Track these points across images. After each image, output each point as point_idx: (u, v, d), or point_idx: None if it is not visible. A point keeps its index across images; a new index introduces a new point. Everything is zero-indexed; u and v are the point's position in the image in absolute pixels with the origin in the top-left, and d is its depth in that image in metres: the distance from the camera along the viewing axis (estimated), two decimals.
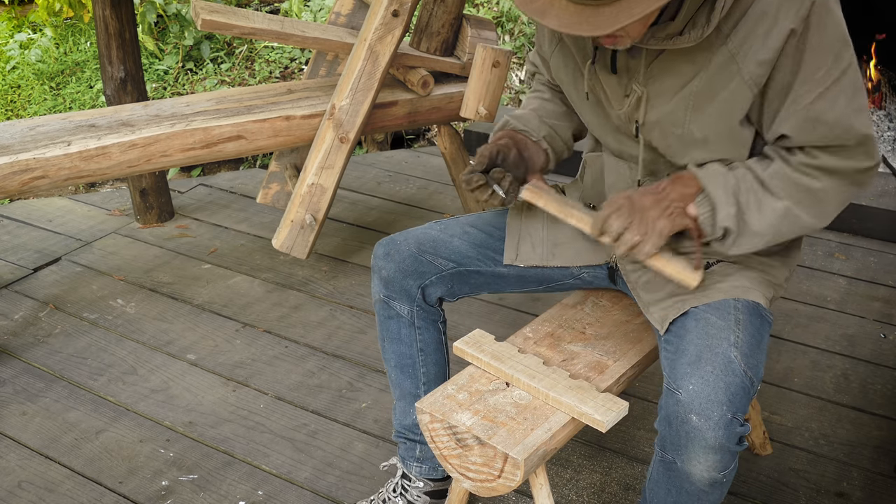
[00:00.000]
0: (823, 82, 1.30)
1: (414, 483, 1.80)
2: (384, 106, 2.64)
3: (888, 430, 2.10)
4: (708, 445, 1.28)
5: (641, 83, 1.40)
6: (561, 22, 1.18)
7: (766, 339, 1.44)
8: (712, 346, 1.33)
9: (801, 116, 1.32)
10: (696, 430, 1.28)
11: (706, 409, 1.27)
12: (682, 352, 1.35)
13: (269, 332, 2.55)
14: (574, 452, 2.04)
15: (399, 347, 1.69)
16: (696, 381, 1.29)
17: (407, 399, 1.74)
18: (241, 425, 2.17)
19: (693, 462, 1.31)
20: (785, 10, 1.26)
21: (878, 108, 3.70)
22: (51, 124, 2.41)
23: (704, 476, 1.31)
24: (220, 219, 3.23)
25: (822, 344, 2.44)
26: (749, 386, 1.31)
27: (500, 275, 1.66)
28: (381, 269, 1.63)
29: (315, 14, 4.65)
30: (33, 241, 3.09)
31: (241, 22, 2.45)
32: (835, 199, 1.38)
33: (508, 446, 1.34)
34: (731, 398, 1.28)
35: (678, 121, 1.39)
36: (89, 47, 4.66)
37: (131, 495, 1.96)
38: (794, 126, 1.34)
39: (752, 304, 1.44)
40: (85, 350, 2.48)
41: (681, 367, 1.33)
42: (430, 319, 1.68)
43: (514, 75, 4.31)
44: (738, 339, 1.35)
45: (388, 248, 1.64)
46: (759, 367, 1.36)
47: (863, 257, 2.90)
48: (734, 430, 1.28)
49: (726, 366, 1.30)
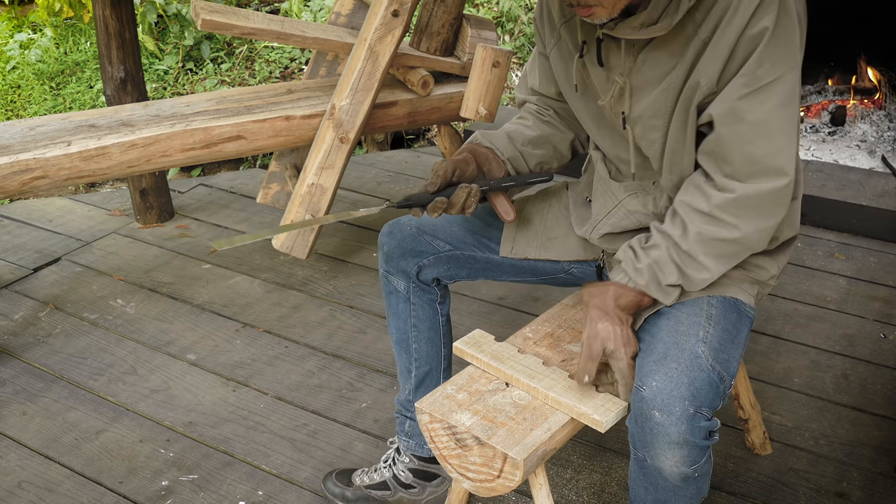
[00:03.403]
0: (758, 82, 1.30)
1: (401, 457, 1.87)
2: (384, 106, 2.64)
3: (888, 430, 2.10)
4: (672, 441, 1.30)
5: (624, 75, 1.42)
6: None
7: (744, 334, 1.45)
8: (680, 343, 1.36)
9: (728, 106, 1.32)
10: (659, 425, 1.30)
11: (668, 404, 1.29)
12: (651, 349, 1.38)
13: (269, 332, 2.55)
14: (574, 452, 2.04)
15: (397, 322, 1.77)
16: (660, 377, 1.32)
17: (404, 375, 1.82)
18: (241, 425, 2.17)
19: (661, 458, 1.33)
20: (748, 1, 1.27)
21: (878, 108, 3.70)
22: (51, 124, 2.41)
23: (674, 471, 1.33)
24: (220, 219, 3.23)
25: (822, 344, 2.44)
26: (718, 381, 1.33)
27: (495, 263, 1.71)
28: (384, 245, 1.72)
29: (315, 14, 4.65)
30: (33, 241, 3.09)
31: (241, 22, 2.45)
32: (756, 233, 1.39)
33: (508, 446, 1.34)
34: (695, 393, 1.30)
35: (657, 116, 1.41)
36: (89, 47, 4.66)
37: (131, 495, 1.96)
38: (720, 112, 1.34)
39: (728, 300, 1.46)
40: (85, 350, 2.48)
41: (647, 365, 1.35)
42: (427, 298, 1.74)
43: (514, 75, 4.31)
44: (708, 334, 1.37)
45: (392, 226, 1.72)
46: (730, 362, 1.37)
47: (863, 257, 2.90)
48: (698, 424, 1.29)
49: (692, 361, 1.32)
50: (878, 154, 3.40)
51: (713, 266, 1.39)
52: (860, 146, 3.49)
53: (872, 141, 3.51)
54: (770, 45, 1.27)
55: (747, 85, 1.30)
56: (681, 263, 1.40)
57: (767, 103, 1.30)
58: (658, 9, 1.31)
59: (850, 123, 3.62)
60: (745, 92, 1.30)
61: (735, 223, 1.36)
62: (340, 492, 1.90)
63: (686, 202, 1.41)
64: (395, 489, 1.87)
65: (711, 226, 1.37)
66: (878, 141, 3.50)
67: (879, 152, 3.41)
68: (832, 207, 3.04)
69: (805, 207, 3.14)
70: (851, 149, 3.48)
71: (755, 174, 1.34)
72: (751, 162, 1.33)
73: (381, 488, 1.88)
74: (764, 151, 1.32)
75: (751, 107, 1.31)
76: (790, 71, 1.30)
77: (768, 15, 1.26)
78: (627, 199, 1.56)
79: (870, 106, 3.70)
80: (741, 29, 1.27)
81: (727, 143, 1.34)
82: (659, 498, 1.41)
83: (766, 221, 1.38)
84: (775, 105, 1.31)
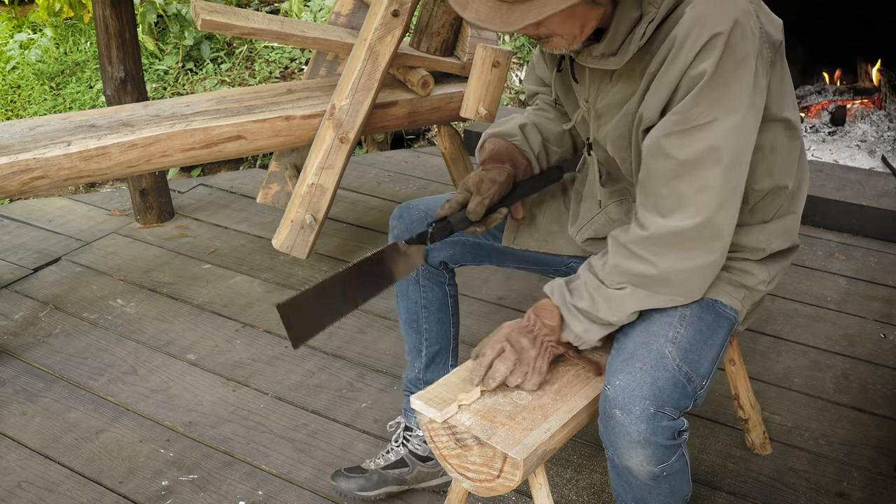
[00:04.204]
0: (690, 122, 1.28)
1: (415, 433, 1.90)
2: (384, 106, 2.64)
3: (888, 430, 2.10)
4: (633, 440, 1.30)
5: (589, 101, 1.46)
6: (478, 16, 1.24)
7: (721, 336, 1.45)
8: (648, 343, 1.36)
9: (654, 141, 1.32)
10: (619, 424, 1.31)
11: (628, 403, 1.30)
12: (621, 349, 1.39)
13: (269, 332, 2.55)
14: (574, 452, 2.04)
15: (406, 304, 1.80)
16: (624, 377, 1.32)
17: (413, 353, 1.85)
18: (241, 425, 2.17)
19: (626, 457, 1.34)
20: (692, 42, 1.25)
21: (878, 108, 3.70)
22: (51, 124, 2.41)
23: (641, 470, 1.34)
24: (220, 219, 3.23)
25: (822, 344, 2.44)
26: (685, 381, 1.34)
27: (500, 250, 1.75)
28: (394, 228, 1.75)
29: (315, 14, 4.66)
30: (33, 241, 3.09)
31: (241, 22, 2.45)
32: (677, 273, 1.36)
33: (507, 446, 1.34)
34: (657, 393, 1.30)
35: (622, 139, 1.43)
36: (89, 47, 4.66)
37: (131, 495, 1.96)
38: (648, 145, 1.34)
39: (705, 302, 1.45)
40: (85, 350, 2.48)
41: (615, 365, 1.36)
42: (436, 280, 1.78)
43: (514, 75, 4.31)
44: (678, 334, 1.38)
45: (402, 210, 1.76)
46: (700, 363, 1.37)
47: (863, 257, 2.90)
48: (659, 424, 1.29)
49: (657, 361, 1.33)
50: (878, 154, 3.40)
51: (627, 307, 1.39)
52: (860, 146, 3.49)
53: (872, 141, 3.51)
54: (708, 87, 1.26)
55: (679, 123, 1.29)
56: (593, 290, 1.41)
57: (698, 143, 1.28)
58: (616, 40, 1.32)
59: (850, 123, 3.62)
60: (675, 129, 1.29)
61: (652, 260, 1.35)
62: (356, 481, 1.88)
63: (614, 233, 1.43)
64: (413, 464, 1.89)
65: (628, 259, 1.38)
66: (878, 141, 3.50)
67: (879, 152, 3.41)
68: (832, 207, 3.04)
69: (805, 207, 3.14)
70: (851, 149, 3.48)
71: (676, 210, 1.32)
72: (674, 197, 1.32)
73: (398, 466, 1.89)
74: (689, 189, 1.31)
75: (681, 144, 1.29)
76: (729, 115, 1.27)
77: (710, 58, 1.24)
78: (612, 205, 1.59)
79: (870, 106, 3.70)
80: (684, 68, 1.27)
81: (653, 176, 1.34)
82: (637, 496, 1.42)
83: (688, 262, 1.35)
84: (708, 146, 1.28)
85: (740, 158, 1.31)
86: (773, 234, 1.51)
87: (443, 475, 1.92)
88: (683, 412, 1.35)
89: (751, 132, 1.32)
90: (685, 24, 1.26)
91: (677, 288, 1.38)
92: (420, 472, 1.90)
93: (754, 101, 1.30)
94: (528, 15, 1.20)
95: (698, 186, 1.30)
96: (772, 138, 1.42)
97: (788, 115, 1.42)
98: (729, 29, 1.24)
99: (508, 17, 1.22)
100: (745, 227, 1.49)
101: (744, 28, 1.26)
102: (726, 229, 1.35)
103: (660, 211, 1.34)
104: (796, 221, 1.55)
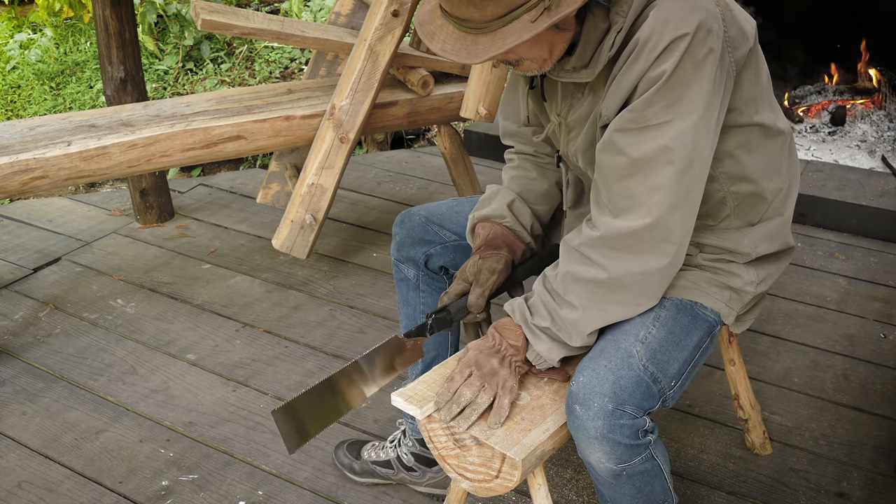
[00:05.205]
0: (645, 121, 1.28)
1: (406, 440, 1.92)
2: (384, 106, 2.64)
3: (888, 430, 2.10)
4: (590, 435, 1.31)
5: (561, 115, 1.47)
6: (444, 47, 1.26)
7: (695, 338, 1.43)
8: (617, 341, 1.37)
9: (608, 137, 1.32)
10: (578, 419, 1.32)
11: (588, 399, 1.30)
12: (594, 347, 1.40)
13: (269, 332, 2.55)
14: (574, 452, 2.04)
15: (406, 309, 1.82)
16: (588, 373, 1.33)
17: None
18: (241, 425, 2.17)
19: (586, 452, 1.34)
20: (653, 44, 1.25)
21: (878, 108, 3.70)
22: (51, 124, 2.41)
23: (601, 467, 1.34)
24: (220, 219, 3.24)
25: (822, 344, 2.44)
26: (650, 381, 1.34)
27: None
28: (396, 234, 1.77)
29: (315, 14, 4.66)
30: (33, 241, 3.09)
31: (241, 22, 2.46)
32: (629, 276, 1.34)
33: (506, 446, 1.34)
34: (618, 391, 1.30)
35: (591, 149, 1.43)
36: (89, 47, 4.66)
37: (131, 495, 1.96)
38: (602, 140, 1.33)
39: (684, 303, 1.45)
40: (85, 350, 2.48)
41: (584, 361, 1.37)
42: (436, 286, 1.79)
43: None
44: (649, 334, 1.38)
45: (404, 216, 1.77)
46: (669, 364, 1.37)
47: (863, 257, 2.90)
48: (618, 421, 1.29)
49: (623, 360, 1.33)
50: (878, 154, 3.40)
51: (580, 305, 1.36)
52: (860, 146, 3.49)
53: (872, 141, 3.51)
54: (665, 88, 1.25)
55: (634, 121, 1.28)
56: (549, 303, 1.39)
57: (652, 143, 1.27)
58: (587, 53, 1.32)
59: (850, 123, 3.62)
60: (629, 127, 1.29)
61: (603, 264, 1.33)
62: (349, 463, 1.98)
63: (566, 237, 1.42)
64: (397, 469, 1.93)
65: (579, 265, 1.36)
66: (878, 141, 3.50)
67: (879, 152, 3.40)
68: (832, 207, 3.04)
69: (805, 207, 3.16)
70: (851, 149, 3.48)
71: (627, 211, 1.31)
72: (626, 197, 1.31)
73: (385, 466, 1.94)
74: (640, 189, 1.30)
75: (634, 142, 1.28)
76: (685, 117, 1.26)
77: (670, 59, 1.24)
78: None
79: (870, 106, 3.70)
80: (644, 69, 1.26)
81: (605, 172, 1.34)
82: (608, 494, 1.42)
83: (640, 265, 1.33)
84: (661, 146, 1.27)
85: (696, 161, 1.30)
86: (760, 238, 1.49)
87: (426, 485, 1.93)
88: (648, 412, 1.34)
89: (709, 135, 1.30)
90: (647, 27, 1.26)
91: (631, 293, 1.36)
92: (403, 479, 1.93)
93: (713, 105, 1.29)
94: (491, 47, 1.23)
95: (650, 186, 1.29)
96: (744, 142, 1.40)
97: (762, 119, 1.41)
98: (692, 31, 1.23)
99: (473, 49, 1.24)
100: (728, 232, 1.48)
101: (708, 31, 1.25)
102: (679, 232, 1.32)
103: (612, 211, 1.33)
104: (786, 224, 1.53)
